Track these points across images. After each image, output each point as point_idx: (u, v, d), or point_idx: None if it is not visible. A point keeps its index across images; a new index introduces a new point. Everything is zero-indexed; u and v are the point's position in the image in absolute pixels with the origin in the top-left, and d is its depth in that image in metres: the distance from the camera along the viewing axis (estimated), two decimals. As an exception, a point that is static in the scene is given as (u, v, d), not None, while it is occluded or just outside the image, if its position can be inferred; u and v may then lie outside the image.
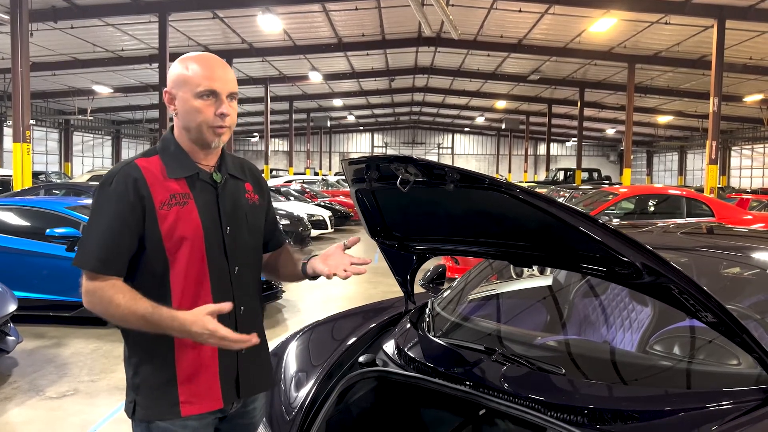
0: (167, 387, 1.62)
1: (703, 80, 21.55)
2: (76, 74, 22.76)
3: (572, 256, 1.88)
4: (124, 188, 1.59)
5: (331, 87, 29.11)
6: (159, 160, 1.66)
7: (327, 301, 7.61)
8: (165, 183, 1.63)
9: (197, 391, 1.64)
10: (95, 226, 1.60)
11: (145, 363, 1.64)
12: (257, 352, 1.76)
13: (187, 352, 1.63)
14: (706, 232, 3.27)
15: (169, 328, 1.53)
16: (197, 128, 1.65)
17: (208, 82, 1.63)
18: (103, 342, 5.74)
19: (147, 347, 1.63)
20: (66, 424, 3.91)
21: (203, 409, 1.65)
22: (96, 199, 1.62)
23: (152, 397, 1.63)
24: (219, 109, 1.64)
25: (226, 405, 1.69)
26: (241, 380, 1.71)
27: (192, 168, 1.68)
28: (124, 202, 1.58)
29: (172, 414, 1.61)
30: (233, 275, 1.71)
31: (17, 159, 11.54)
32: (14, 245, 6.34)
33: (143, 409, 1.63)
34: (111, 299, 1.55)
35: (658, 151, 45.38)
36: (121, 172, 1.62)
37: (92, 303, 1.59)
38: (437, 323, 2.49)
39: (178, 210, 1.61)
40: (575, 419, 1.73)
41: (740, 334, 1.67)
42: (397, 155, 1.78)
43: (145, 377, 1.64)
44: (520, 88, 27.94)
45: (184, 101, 1.64)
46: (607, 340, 2.56)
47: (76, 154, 34.81)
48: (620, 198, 9.96)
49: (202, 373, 1.64)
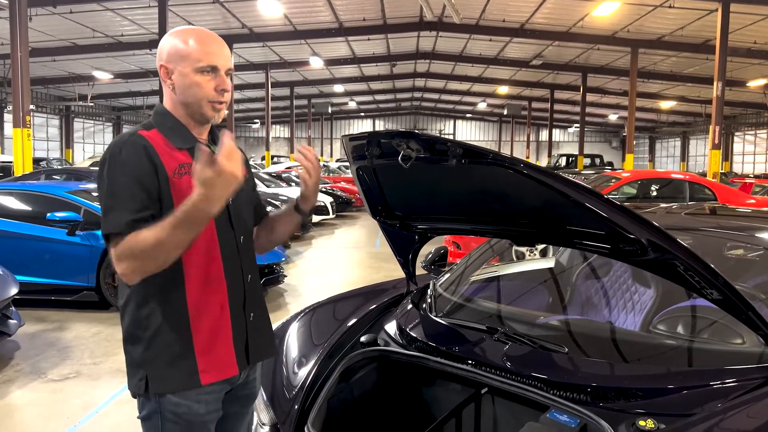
0: (185, 357, 1.60)
1: (706, 65, 21.39)
2: (75, 60, 22.67)
3: (576, 233, 1.86)
4: (136, 156, 1.56)
5: (332, 72, 28.96)
6: (158, 133, 1.65)
7: (328, 285, 7.62)
8: (172, 153, 1.62)
9: (215, 359, 1.63)
10: (115, 194, 1.52)
11: (161, 334, 1.60)
12: (263, 318, 1.79)
13: (203, 321, 1.62)
14: (709, 213, 3.24)
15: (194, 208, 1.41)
16: (197, 103, 1.64)
17: (210, 57, 1.62)
18: (104, 326, 5.75)
19: (162, 318, 1.60)
20: (68, 406, 3.93)
21: (221, 376, 1.65)
22: (109, 171, 1.55)
23: (170, 369, 1.60)
24: (220, 85, 1.63)
25: (241, 371, 1.70)
26: (250, 346, 1.72)
27: (192, 140, 1.67)
28: (139, 169, 1.54)
29: (191, 383, 1.60)
30: (239, 244, 1.72)
31: (17, 144, 11.51)
32: (15, 229, 6.33)
33: (158, 383, 1.59)
34: (137, 241, 1.45)
35: (660, 137, 45.21)
36: (128, 141, 1.58)
37: (128, 266, 1.48)
38: (439, 304, 2.48)
39: (188, 179, 1.58)
40: (578, 397, 1.72)
41: (746, 311, 1.66)
42: (398, 130, 1.75)
43: (161, 349, 1.60)
44: (522, 73, 27.79)
45: (183, 76, 1.62)
46: (609, 321, 2.55)
47: (77, 141, 34.76)
48: (623, 182, 9.92)
49: (217, 340, 1.64)
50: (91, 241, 6.15)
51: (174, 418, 1.60)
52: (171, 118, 1.68)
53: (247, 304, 1.72)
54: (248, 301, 1.72)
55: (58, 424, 3.66)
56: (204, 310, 1.62)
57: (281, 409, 2.07)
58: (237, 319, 1.68)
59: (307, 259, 10.01)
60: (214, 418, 1.67)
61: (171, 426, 1.61)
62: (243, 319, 1.70)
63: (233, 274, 1.68)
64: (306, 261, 9.80)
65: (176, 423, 1.60)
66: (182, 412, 1.60)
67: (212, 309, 1.63)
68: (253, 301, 1.74)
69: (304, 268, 9.05)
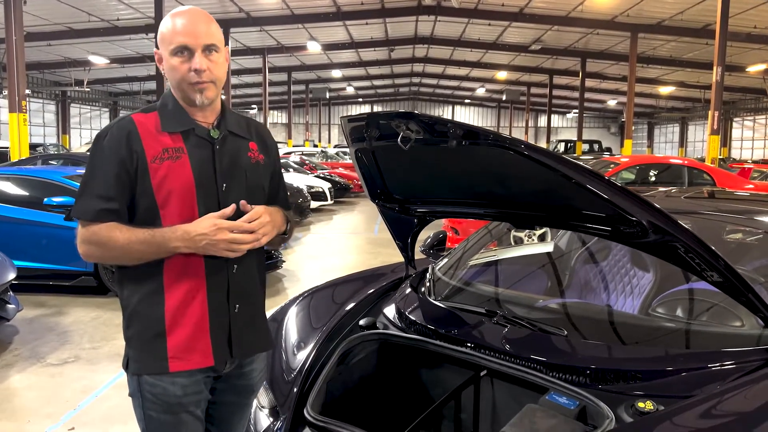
0: (156, 341, 1.61)
1: (706, 50, 21.28)
2: (71, 44, 22.47)
3: (577, 215, 1.85)
4: (117, 142, 1.60)
5: (329, 57, 28.78)
6: (156, 116, 1.66)
7: (326, 270, 7.62)
8: (158, 137, 1.62)
9: (186, 347, 1.62)
10: (91, 177, 1.61)
11: (137, 316, 1.64)
12: (251, 312, 1.75)
13: (177, 307, 1.62)
14: (708, 197, 3.24)
15: (171, 241, 1.56)
16: (178, 86, 1.65)
17: (179, 37, 1.60)
18: (103, 310, 5.75)
19: (138, 300, 1.63)
20: (68, 390, 3.93)
21: (192, 365, 1.63)
22: (92, 153, 1.64)
23: (142, 351, 1.63)
24: (194, 65, 1.60)
25: (218, 364, 1.67)
26: (234, 339, 1.69)
27: (188, 123, 1.65)
28: (117, 155, 1.59)
29: (160, 369, 1.61)
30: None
31: (14, 129, 11.44)
32: (12, 214, 6.32)
33: (134, 363, 1.64)
34: (109, 237, 1.57)
35: (659, 122, 45.12)
36: (116, 126, 1.63)
37: (89, 250, 1.61)
38: (438, 288, 2.47)
39: (169, 164, 1.60)
40: (577, 379, 1.72)
41: (746, 293, 1.65)
42: (398, 111, 1.73)
43: (136, 331, 1.64)
44: (521, 58, 27.64)
45: (165, 60, 1.64)
46: (608, 304, 2.55)
47: (74, 126, 34.57)
48: (621, 168, 9.91)
49: (191, 329, 1.62)
50: (88, 226, 6.12)
51: (152, 398, 1.63)
52: (172, 100, 1.68)
53: (232, 296, 1.68)
54: (233, 292, 1.68)
55: (57, 407, 3.67)
56: (180, 298, 1.62)
57: (280, 392, 2.07)
58: (217, 311, 1.65)
59: (305, 244, 10.01)
60: (195, 401, 1.65)
61: (150, 405, 1.63)
62: (225, 311, 1.67)
63: (214, 263, 1.63)
64: (304, 247, 9.79)
65: (153, 402, 1.63)
66: (158, 393, 1.62)
67: (189, 297, 1.62)
68: (239, 293, 1.69)
69: (302, 254, 9.05)
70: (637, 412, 1.53)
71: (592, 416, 1.59)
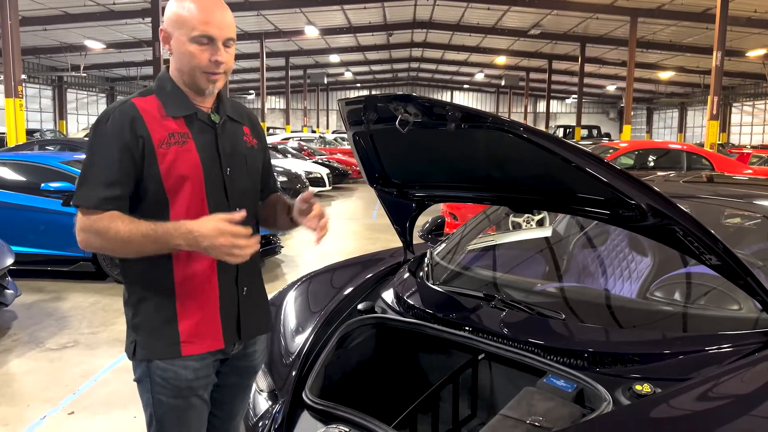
0: (167, 326, 1.60)
1: (706, 34, 21.18)
2: (67, 29, 22.31)
3: (576, 199, 1.85)
4: (120, 127, 1.54)
5: (327, 42, 28.61)
6: (155, 99, 1.61)
7: (325, 255, 7.62)
8: (163, 122, 1.58)
9: (198, 330, 1.62)
10: (93, 164, 1.55)
11: (145, 302, 1.62)
12: (257, 294, 1.77)
13: (188, 292, 1.61)
14: (707, 181, 3.23)
15: (174, 238, 1.49)
16: (190, 72, 1.60)
17: (205, 26, 1.56)
18: (102, 296, 5.76)
19: (147, 286, 1.61)
20: (67, 375, 3.95)
21: (204, 348, 1.64)
22: (92, 138, 1.57)
23: (152, 337, 1.61)
24: (214, 56, 1.58)
25: (227, 346, 1.68)
26: (242, 321, 1.71)
27: (190, 107, 1.63)
28: (121, 141, 1.53)
29: (172, 353, 1.60)
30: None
31: (10, 115, 11.39)
32: (10, 200, 6.29)
33: (143, 349, 1.62)
34: (109, 228, 1.50)
35: (658, 108, 45.03)
36: (117, 110, 1.56)
37: (88, 239, 1.54)
38: (436, 272, 2.47)
39: (177, 149, 1.57)
40: (575, 362, 1.72)
41: (744, 276, 1.65)
42: (396, 93, 1.72)
43: (145, 317, 1.62)
44: (520, 43, 27.50)
45: (180, 43, 1.58)
46: (606, 288, 2.55)
47: (71, 112, 34.41)
48: (620, 153, 9.89)
49: (202, 313, 1.63)
50: (86, 211, 6.11)
51: (162, 383, 1.62)
52: (171, 83, 1.64)
53: (240, 279, 1.69)
54: (242, 275, 1.70)
55: (56, 392, 3.68)
56: (190, 282, 1.61)
57: (279, 375, 2.08)
58: (227, 294, 1.66)
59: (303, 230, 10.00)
60: (204, 384, 1.67)
61: (160, 389, 1.62)
62: (234, 294, 1.68)
63: None
64: (302, 232, 9.76)
65: (164, 387, 1.62)
66: (169, 377, 1.61)
67: (199, 281, 1.62)
68: (247, 277, 1.72)
69: (300, 239, 9.05)
70: (634, 395, 1.54)
71: (589, 399, 1.60)
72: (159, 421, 1.64)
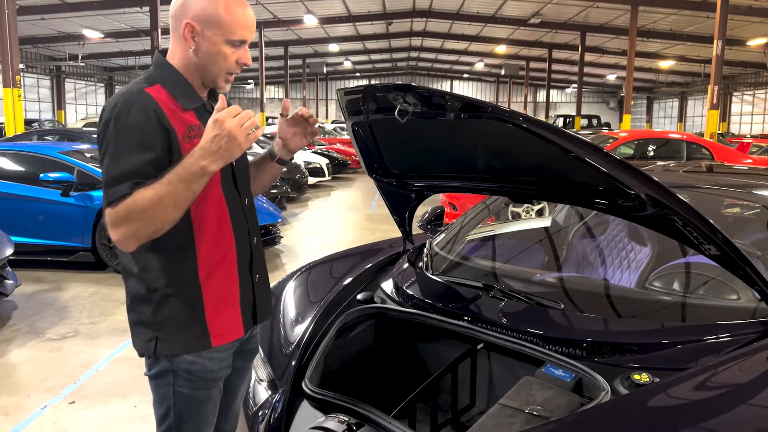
0: (196, 320, 1.59)
1: (707, 23, 21.08)
2: (65, 18, 22.18)
3: (575, 189, 1.84)
4: (145, 119, 1.47)
5: (326, 31, 28.47)
6: (163, 90, 1.56)
7: (324, 246, 7.63)
8: (180, 114, 1.55)
9: (224, 321, 1.64)
10: (118, 160, 1.44)
11: (171, 298, 1.57)
12: (265, 280, 1.81)
13: (213, 284, 1.61)
14: (707, 171, 3.23)
15: (194, 164, 1.40)
16: (215, 73, 1.58)
17: (243, 31, 1.56)
18: (101, 286, 5.77)
19: (172, 281, 1.57)
20: (67, 364, 3.96)
21: (231, 338, 1.66)
22: (114, 134, 1.46)
23: (180, 332, 1.58)
24: (242, 58, 1.59)
25: (246, 332, 1.72)
26: (258, 307, 1.74)
27: (198, 99, 1.62)
28: (147, 134, 1.46)
29: (203, 346, 1.60)
30: (245, 206, 1.71)
31: (8, 104, 11.34)
32: (9, 190, 6.29)
33: (169, 345, 1.58)
34: (135, 201, 1.40)
35: (658, 97, 44.91)
36: (136, 102, 1.48)
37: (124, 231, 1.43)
38: (435, 262, 2.48)
39: (197, 142, 1.51)
40: (574, 352, 1.73)
41: (743, 266, 1.65)
42: (395, 83, 1.71)
43: (170, 313, 1.57)
44: (520, 32, 27.37)
45: (212, 44, 1.54)
46: (605, 278, 2.56)
47: (69, 102, 34.29)
48: (620, 142, 9.87)
49: (226, 303, 1.64)
50: (85, 201, 6.12)
51: (187, 376, 1.60)
52: (176, 74, 1.59)
53: (254, 266, 1.72)
54: (255, 263, 1.72)
55: (57, 381, 3.70)
56: (214, 274, 1.61)
57: (279, 365, 2.09)
58: (244, 281, 1.68)
59: (303, 220, 10.01)
60: (225, 374, 1.69)
61: (183, 383, 1.61)
62: (250, 281, 1.71)
63: (241, 236, 1.67)
64: (302, 222, 9.79)
65: (188, 380, 1.61)
66: (196, 370, 1.60)
67: (222, 272, 1.63)
68: (258, 263, 1.75)
69: (300, 230, 9.05)
70: (632, 384, 1.54)
71: (588, 388, 1.60)
72: (178, 413, 1.62)
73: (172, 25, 1.59)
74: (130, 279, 1.61)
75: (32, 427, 3.17)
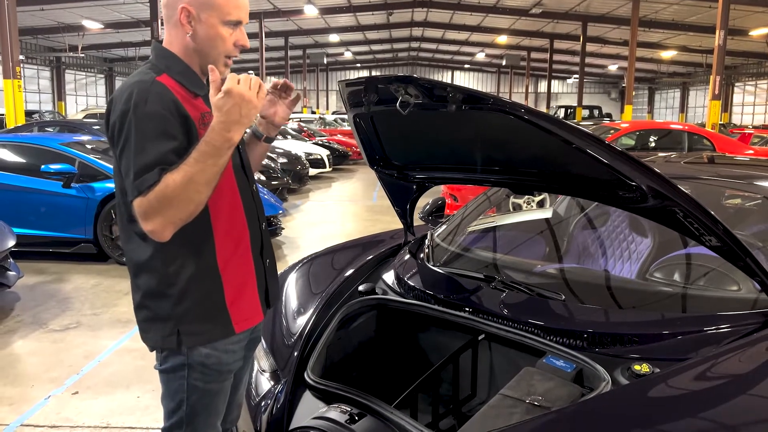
0: (218, 309, 1.60)
1: (709, 13, 20.98)
2: (64, 9, 22.08)
3: (576, 180, 1.85)
4: (162, 107, 1.46)
5: (327, 22, 28.35)
6: (170, 78, 1.55)
7: (325, 237, 7.64)
8: (191, 101, 1.56)
9: (244, 307, 1.66)
10: (144, 150, 1.42)
11: (192, 289, 1.56)
12: (275, 264, 1.83)
13: (231, 271, 1.62)
14: (708, 162, 3.23)
15: (219, 133, 1.41)
16: (215, 56, 1.58)
17: (238, 11, 1.57)
18: (103, 277, 5.79)
19: (193, 273, 1.56)
20: (70, 355, 3.98)
21: (250, 324, 1.68)
22: (134, 123, 1.44)
23: (203, 322, 1.58)
24: (240, 41, 1.59)
25: (264, 316, 1.75)
26: (270, 291, 1.76)
27: (204, 86, 1.61)
28: (167, 122, 1.46)
29: (226, 333, 1.61)
30: (253, 192, 1.73)
31: (9, 96, 11.34)
32: (11, 182, 6.29)
33: (193, 337, 1.57)
34: (166, 186, 1.39)
35: (660, 87, 44.76)
36: (152, 91, 1.48)
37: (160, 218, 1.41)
38: (436, 254, 2.48)
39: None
40: (574, 343, 1.74)
41: (743, 257, 1.66)
42: (396, 75, 1.72)
43: (192, 304, 1.56)
44: (521, 22, 27.25)
45: (209, 26, 1.55)
46: (606, 269, 2.56)
47: (69, 93, 34.20)
48: (621, 133, 9.85)
49: (245, 289, 1.66)
50: (86, 193, 6.12)
51: (202, 369, 1.60)
52: (180, 62, 1.59)
53: (264, 251, 1.74)
54: (265, 247, 1.75)
55: (60, 372, 3.72)
56: (231, 261, 1.62)
57: (281, 356, 2.10)
58: (258, 266, 1.71)
59: (304, 212, 10.01)
60: (238, 366, 1.71)
61: (198, 376, 1.60)
62: (262, 266, 1.73)
63: (252, 221, 1.69)
64: (303, 214, 9.80)
65: (203, 373, 1.60)
66: (211, 363, 1.61)
67: (238, 258, 1.64)
68: (268, 248, 1.77)
69: (301, 221, 9.06)
70: (633, 375, 1.55)
71: (588, 379, 1.61)
72: (191, 407, 1.62)
73: (166, 14, 1.59)
74: (141, 276, 1.57)
75: (36, 417, 3.19)
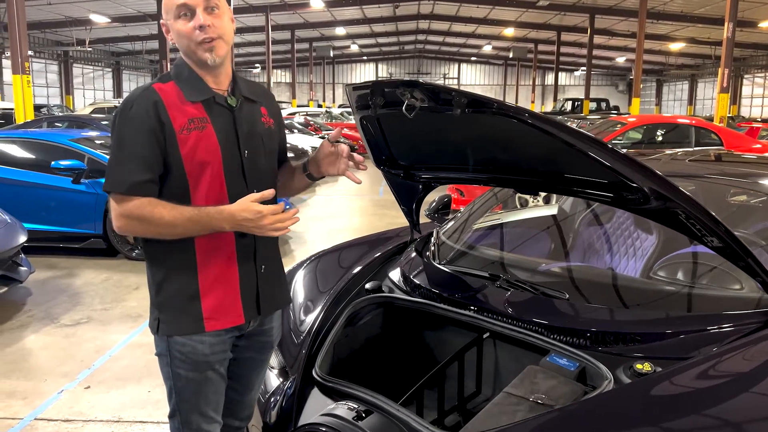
0: (191, 304, 1.67)
1: (717, 5, 20.80)
2: (71, 3, 22.13)
3: (579, 182, 1.87)
4: (144, 112, 1.59)
5: (333, 15, 28.28)
6: (174, 86, 1.65)
7: (332, 232, 7.68)
8: (182, 107, 1.63)
9: (220, 308, 1.69)
10: (121, 150, 1.60)
11: (169, 281, 1.68)
12: (275, 272, 1.85)
13: (210, 270, 1.67)
14: (714, 160, 3.24)
15: (218, 222, 1.59)
16: (188, 50, 1.65)
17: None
18: (113, 272, 5.85)
19: (170, 266, 1.67)
20: (82, 350, 4.04)
21: (226, 324, 1.71)
22: (118, 126, 1.61)
23: (177, 314, 1.68)
24: (195, 23, 1.62)
25: (247, 321, 1.76)
26: (261, 298, 1.77)
27: (207, 92, 1.67)
28: (146, 125, 1.58)
29: (196, 329, 1.67)
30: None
31: (18, 92, 11.40)
32: (22, 178, 6.36)
33: (167, 325, 1.68)
34: (153, 213, 1.57)
35: (668, 80, 44.44)
36: (140, 96, 1.62)
37: (129, 224, 1.61)
38: (442, 251, 2.51)
39: (197, 134, 1.62)
40: (578, 342, 1.76)
41: (745, 258, 1.68)
42: (403, 79, 1.74)
43: (168, 295, 1.68)
44: (528, 14, 27.10)
45: (172, 28, 1.65)
46: (611, 267, 2.58)
47: (77, 87, 34.34)
48: (628, 127, 9.82)
49: (223, 290, 1.70)
50: (96, 189, 6.18)
51: (181, 357, 1.69)
52: (187, 69, 1.68)
53: (258, 256, 1.75)
54: (259, 253, 1.76)
55: (72, 367, 3.78)
56: (211, 261, 1.67)
57: (289, 353, 2.14)
58: (246, 270, 1.73)
59: (311, 206, 10.05)
60: (220, 359, 1.74)
61: (179, 363, 1.69)
62: (253, 271, 1.75)
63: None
64: (310, 208, 9.84)
65: (183, 361, 1.69)
66: (187, 352, 1.68)
67: (219, 260, 1.68)
68: (265, 254, 1.78)
69: (308, 216, 9.10)
70: (635, 374, 1.57)
71: (591, 377, 1.64)
72: (178, 392, 1.72)
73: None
74: (147, 261, 1.75)
75: (50, 411, 3.25)
